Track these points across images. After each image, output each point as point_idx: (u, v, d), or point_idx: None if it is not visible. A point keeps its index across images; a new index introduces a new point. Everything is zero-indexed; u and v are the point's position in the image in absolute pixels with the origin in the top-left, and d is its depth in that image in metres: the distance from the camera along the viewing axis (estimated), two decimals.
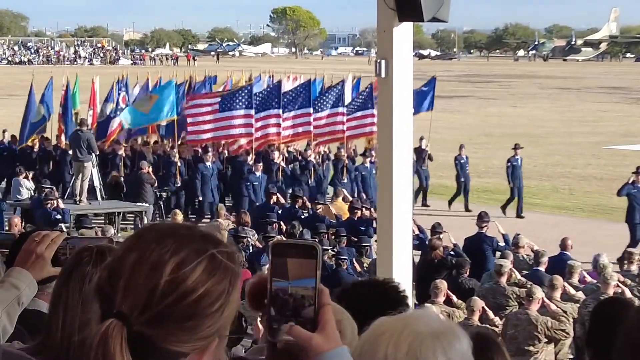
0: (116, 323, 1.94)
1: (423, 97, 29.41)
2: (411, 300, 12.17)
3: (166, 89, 28.31)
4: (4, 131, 31.63)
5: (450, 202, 29.11)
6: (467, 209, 28.34)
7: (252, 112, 26.36)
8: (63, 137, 29.84)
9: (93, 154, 25.19)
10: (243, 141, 27.78)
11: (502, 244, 19.20)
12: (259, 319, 3.91)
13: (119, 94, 30.20)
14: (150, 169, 26.48)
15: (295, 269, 2.00)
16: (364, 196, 26.94)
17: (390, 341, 2.36)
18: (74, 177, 25.70)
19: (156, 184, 26.14)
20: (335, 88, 28.67)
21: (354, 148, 30.52)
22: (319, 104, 27.92)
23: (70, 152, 26.61)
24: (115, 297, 1.97)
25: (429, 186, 30.02)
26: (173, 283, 1.95)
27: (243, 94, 26.77)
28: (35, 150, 29.69)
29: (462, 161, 29.54)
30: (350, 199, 24.75)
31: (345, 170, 28.37)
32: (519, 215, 27.74)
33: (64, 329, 3.00)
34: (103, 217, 25.11)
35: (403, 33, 9.98)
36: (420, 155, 29.14)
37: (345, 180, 28.09)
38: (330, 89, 28.97)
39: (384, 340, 2.36)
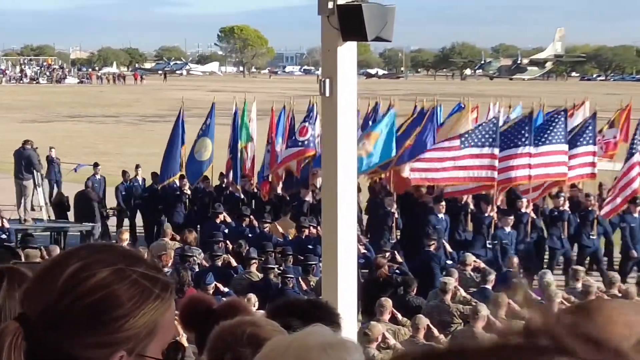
0: (12, 323, 1.99)
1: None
2: (356, 318, 12.22)
3: (387, 122, 22.79)
4: (137, 167, 27.58)
5: None
6: None
7: (497, 151, 21.57)
8: (231, 175, 25.51)
9: (37, 173, 24.92)
10: (472, 185, 22.09)
11: (449, 262, 19.30)
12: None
13: (302, 124, 24.81)
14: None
15: None
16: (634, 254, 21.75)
17: (277, 355, 2.37)
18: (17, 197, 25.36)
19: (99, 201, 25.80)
20: (555, 120, 22.82)
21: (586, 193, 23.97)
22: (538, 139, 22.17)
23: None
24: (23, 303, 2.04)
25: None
26: (70, 284, 1.98)
27: (487, 129, 21.97)
28: (184, 190, 25.27)
29: None
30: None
31: (596, 223, 22.51)
32: None
33: None
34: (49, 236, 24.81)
35: (347, 52, 10.04)
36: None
37: (595, 236, 22.37)
38: (547, 122, 23.29)
39: (271, 356, 2.35)
